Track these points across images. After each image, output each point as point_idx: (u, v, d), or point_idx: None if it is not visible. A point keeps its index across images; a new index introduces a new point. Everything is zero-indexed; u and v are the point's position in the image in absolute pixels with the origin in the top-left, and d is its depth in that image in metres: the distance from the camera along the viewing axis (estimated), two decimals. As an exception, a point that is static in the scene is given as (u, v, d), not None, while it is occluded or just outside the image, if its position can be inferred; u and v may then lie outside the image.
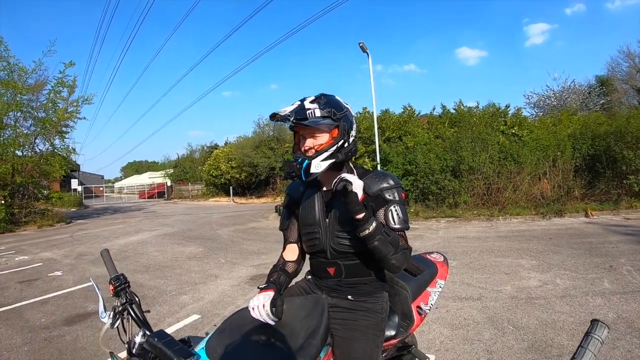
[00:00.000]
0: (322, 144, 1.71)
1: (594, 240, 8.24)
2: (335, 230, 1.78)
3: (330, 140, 1.72)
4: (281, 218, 2.06)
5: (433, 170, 14.22)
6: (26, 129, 17.58)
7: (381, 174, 1.81)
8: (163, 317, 4.86)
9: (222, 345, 1.46)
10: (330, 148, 1.70)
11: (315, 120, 1.66)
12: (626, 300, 4.63)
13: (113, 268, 1.77)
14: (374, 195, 1.74)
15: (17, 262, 9.01)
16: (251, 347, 1.49)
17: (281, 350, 1.47)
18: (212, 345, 1.47)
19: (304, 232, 1.90)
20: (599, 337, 0.87)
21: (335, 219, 1.79)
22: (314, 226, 1.84)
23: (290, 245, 2.01)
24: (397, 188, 1.76)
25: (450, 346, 3.76)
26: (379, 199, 1.74)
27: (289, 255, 1.99)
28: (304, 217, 1.89)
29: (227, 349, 1.44)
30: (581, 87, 25.06)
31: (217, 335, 1.54)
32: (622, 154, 12.73)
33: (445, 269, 2.55)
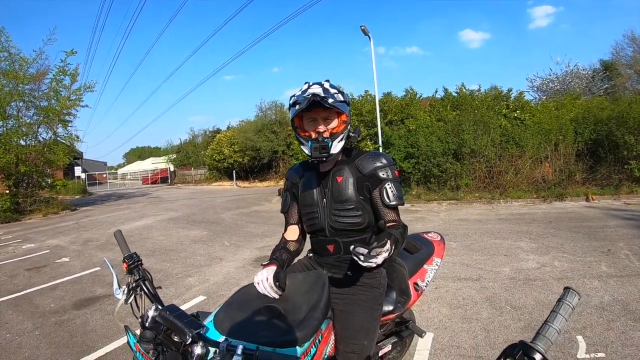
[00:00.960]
0: (334, 127, 1.81)
1: (594, 224, 8.30)
2: (332, 210, 1.88)
3: (341, 124, 1.82)
4: (282, 201, 2.14)
5: (435, 153, 14.24)
6: (29, 118, 17.54)
7: (374, 153, 1.90)
8: (170, 298, 4.97)
9: (229, 318, 1.55)
10: (344, 131, 1.81)
11: (340, 103, 1.75)
12: (622, 284, 4.70)
13: (126, 247, 1.85)
14: (368, 174, 1.84)
15: (25, 250, 9.12)
16: (256, 320, 1.57)
17: (284, 323, 1.56)
18: (220, 319, 1.56)
19: (304, 212, 1.99)
20: (570, 303, 0.96)
21: (331, 199, 1.88)
22: (313, 206, 1.93)
23: (291, 226, 2.09)
24: (391, 166, 1.86)
25: (449, 324, 3.86)
26: (373, 177, 1.83)
27: (290, 236, 2.08)
28: (303, 199, 1.98)
29: (233, 321, 1.53)
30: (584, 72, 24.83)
31: (225, 309, 1.63)
32: (624, 139, 12.70)
33: (442, 248, 2.63)
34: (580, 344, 3.32)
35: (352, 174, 1.87)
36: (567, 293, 0.98)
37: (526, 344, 0.91)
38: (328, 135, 1.79)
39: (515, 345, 0.93)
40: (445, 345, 3.45)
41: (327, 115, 1.79)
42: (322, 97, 1.68)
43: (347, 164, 1.90)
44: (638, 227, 7.72)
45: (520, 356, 0.90)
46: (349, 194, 1.85)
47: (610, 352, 3.18)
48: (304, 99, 1.70)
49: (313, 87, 1.76)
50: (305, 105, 1.68)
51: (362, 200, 1.86)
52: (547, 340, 0.92)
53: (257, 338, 1.44)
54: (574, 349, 3.25)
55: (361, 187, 1.85)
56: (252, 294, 1.70)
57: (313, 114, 1.79)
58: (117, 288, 1.70)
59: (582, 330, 3.55)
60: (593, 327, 3.63)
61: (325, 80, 1.82)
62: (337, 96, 1.75)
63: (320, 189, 1.94)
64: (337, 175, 1.89)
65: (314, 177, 1.97)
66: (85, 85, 18.64)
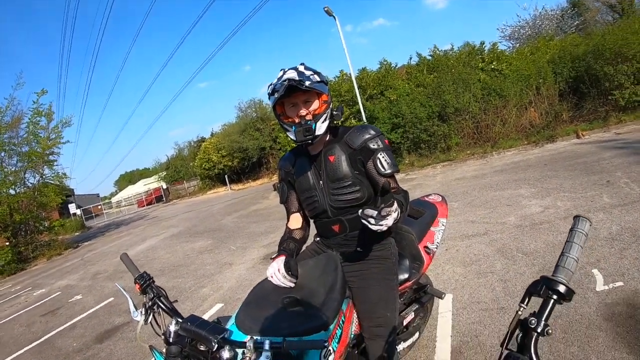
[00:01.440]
0: (316, 109, 1.79)
1: (588, 159, 8.34)
2: (330, 189, 1.87)
3: (323, 104, 1.80)
4: (280, 192, 2.12)
5: (420, 119, 14.30)
6: (13, 166, 17.39)
7: (361, 127, 1.89)
8: (188, 312, 4.91)
9: (250, 317, 1.55)
10: (326, 111, 1.79)
11: (317, 84, 1.73)
12: (627, 211, 4.74)
13: (135, 269, 1.84)
14: (358, 148, 1.83)
15: (36, 296, 9.05)
16: (277, 313, 1.57)
17: (305, 310, 1.56)
18: (241, 319, 1.56)
19: (303, 197, 1.98)
20: (582, 230, 0.96)
21: (327, 180, 1.87)
22: (311, 190, 1.93)
23: (294, 215, 2.09)
24: (380, 136, 1.85)
25: (466, 282, 3.89)
26: (365, 150, 1.83)
27: (294, 224, 2.08)
28: (300, 185, 1.98)
29: (255, 319, 1.53)
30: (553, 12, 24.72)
31: (244, 309, 1.62)
32: (603, 71, 12.75)
33: (445, 208, 2.64)
34: (597, 277, 3.36)
35: (344, 151, 1.86)
36: (578, 221, 0.98)
37: (548, 277, 0.92)
38: (311, 117, 1.77)
39: (537, 281, 0.93)
40: (466, 303, 3.48)
41: (306, 98, 1.77)
42: (298, 80, 1.66)
43: (337, 142, 1.89)
44: (632, 154, 7.78)
45: (545, 291, 0.91)
46: (344, 171, 1.84)
47: (628, 279, 3.21)
48: (280, 86, 1.68)
49: (288, 72, 1.74)
50: (283, 92, 1.67)
51: (358, 175, 1.85)
52: (567, 270, 0.92)
53: (281, 331, 1.44)
54: (591, 283, 3.28)
55: (354, 162, 1.85)
56: (268, 289, 1.71)
57: (293, 99, 1.78)
58: (134, 311, 1.69)
59: (596, 264, 3.59)
60: (606, 258, 3.66)
61: (300, 64, 1.81)
62: (313, 77, 1.73)
63: (314, 172, 1.93)
64: (328, 155, 1.88)
65: (307, 161, 1.96)
66: (62, 121, 18.51)
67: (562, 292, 0.89)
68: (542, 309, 0.89)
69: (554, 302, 0.89)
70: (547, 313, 0.88)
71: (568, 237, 0.98)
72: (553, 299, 0.89)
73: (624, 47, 12.38)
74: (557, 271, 0.93)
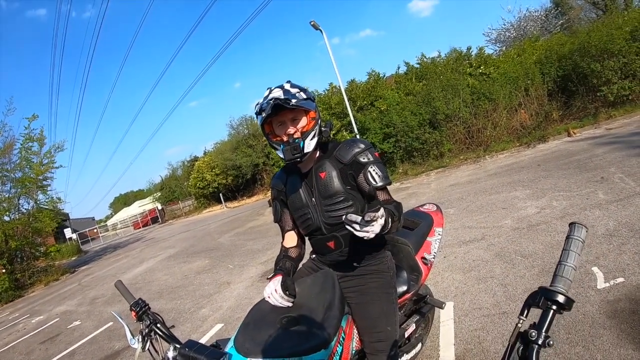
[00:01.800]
0: (304, 126, 1.78)
1: (581, 156, 8.37)
2: (323, 206, 1.86)
3: (310, 121, 1.80)
4: (273, 211, 2.12)
5: (411, 127, 14.32)
6: (7, 192, 17.31)
7: (350, 141, 1.88)
8: (188, 334, 4.92)
9: (249, 339, 1.53)
10: (314, 128, 1.79)
11: (304, 102, 1.73)
12: (623, 206, 4.76)
13: (130, 295, 1.82)
14: (349, 163, 1.82)
15: (35, 323, 8.97)
16: (276, 333, 1.54)
17: (304, 329, 1.54)
18: (240, 341, 1.53)
19: (297, 215, 1.97)
20: (579, 237, 0.95)
21: (320, 196, 1.86)
22: (304, 208, 1.91)
23: (288, 233, 2.08)
24: (369, 149, 1.84)
25: (466, 289, 3.87)
26: (355, 164, 1.82)
27: (289, 242, 2.06)
28: (292, 203, 1.96)
29: (254, 341, 1.50)
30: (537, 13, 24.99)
31: (243, 331, 1.60)
32: (590, 68, 12.86)
33: (440, 217, 2.63)
34: (597, 274, 3.36)
35: (334, 167, 1.85)
36: (574, 228, 0.97)
37: (546, 288, 0.91)
38: (299, 135, 1.77)
39: (536, 292, 0.93)
40: (467, 310, 3.46)
41: (294, 116, 1.77)
42: (284, 99, 1.67)
43: (327, 157, 1.88)
44: (625, 149, 7.82)
45: (544, 302, 0.90)
46: (335, 187, 1.83)
47: (628, 275, 3.22)
48: (267, 105, 1.68)
49: (274, 91, 1.75)
50: (270, 111, 1.67)
51: (350, 190, 1.84)
52: (565, 279, 0.91)
53: (281, 351, 1.42)
54: (592, 281, 3.28)
55: (345, 177, 1.84)
56: (266, 310, 1.69)
57: (280, 118, 1.77)
58: (131, 338, 1.67)
59: (595, 261, 3.59)
60: (605, 255, 3.67)
61: (287, 82, 1.81)
62: (299, 95, 1.74)
63: (306, 189, 1.92)
64: (319, 171, 1.87)
65: (298, 179, 1.95)
66: (55, 146, 18.43)
67: (562, 302, 0.88)
68: (542, 321, 0.88)
69: (554, 312, 0.88)
70: (547, 324, 0.88)
71: (565, 245, 0.97)
72: (552, 310, 0.89)
73: (609, 43, 12.50)
74: (556, 281, 0.92)
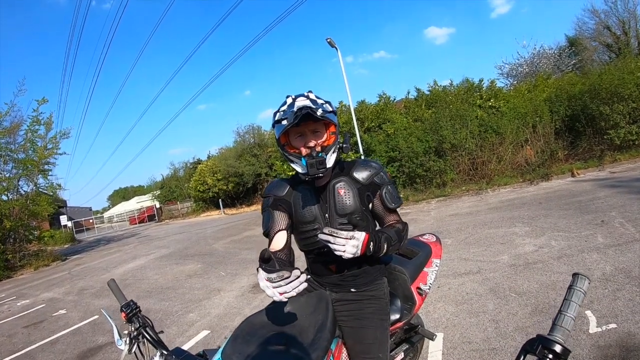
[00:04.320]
0: (324, 140, 1.74)
1: (583, 198, 8.37)
2: (336, 225, 1.78)
3: (331, 135, 1.75)
4: (263, 221, 1.98)
5: (416, 153, 14.34)
6: (8, 172, 17.36)
7: (364, 161, 1.86)
8: (173, 337, 4.89)
9: (237, 353, 1.51)
10: (336, 142, 1.74)
11: (330, 114, 1.69)
12: (622, 252, 4.74)
13: (122, 296, 1.80)
14: (367, 183, 1.80)
15: (20, 307, 8.94)
16: (264, 350, 1.53)
17: (293, 348, 1.52)
18: (228, 354, 1.51)
19: (302, 230, 1.87)
20: (581, 288, 0.95)
21: (335, 213, 1.80)
22: (313, 223, 1.83)
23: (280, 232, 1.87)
24: (382, 170, 1.84)
25: (457, 322, 3.84)
26: (372, 185, 1.80)
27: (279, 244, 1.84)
28: (300, 216, 1.86)
29: (242, 355, 1.49)
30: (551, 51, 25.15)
31: (231, 344, 1.57)
32: (599, 110, 12.88)
33: (439, 248, 2.62)
34: (590, 318, 3.33)
35: (353, 185, 1.81)
36: (577, 279, 0.97)
37: (544, 337, 0.91)
38: (319, 149, 1.71)
39: (533, 340, 0.92)
40: (456, 343, 3.43)
41: (315, 128, 1.71)
42: (313, 108, 1.61)
43: (344, 175, 1.84)
44: (627, 193, 7.83)
45: (541, 350, 0.90)
46: (353, 206, 1.78)
47: (621, 322, 3.20)
48: (291, 114, 1.61)
49: (299, 99, 1.68)
50: (296, 120, 1.58)
51: (365, 211, 1.82)
52: (564, 330, 0.91)
53: (268, 368, 1.40)
54: (584, 324, 3.26)
55: (363, 197, 1.81)
56: (257, 324, 1.67)
57: (301, 129, 1.71)
58: (118, 339, 1.66)
59: (589, 305, 3.56)
60: (600, 300, 3.65)
61: (309, 91, 1.75)
62: (325, 106, 1.69)
63: (320, 204, 1.84)
64: (338, 188, 1.81)
65: (310, 192, 1.86)
66: (61, 133, 18.52)
67: (558, 352, 0.88)
68: None
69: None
70: None
71: (566, 295, 0.96)
72: (549, 359, 0.88)
73: (620, 87, 12.55)
74: (554, 330, 0.91)
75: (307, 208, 1.85)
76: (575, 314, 0.93)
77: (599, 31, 25.60)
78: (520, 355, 0.93)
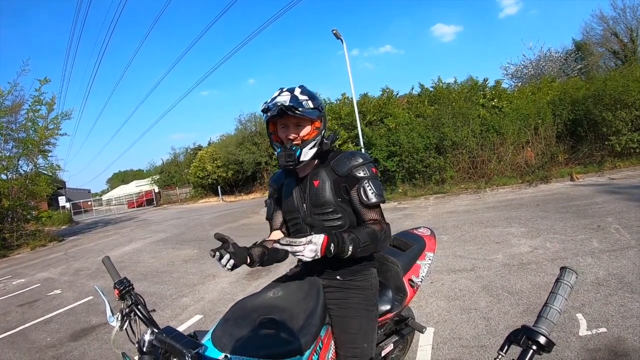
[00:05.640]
0: (306, 134, 1.78)
1: (581, 202, 8.38)
2: (312, 214, 1.85)
3: (314, 130, 1.79)
4: (267, 208, 2.13)
5: (417, 149, 14.34)
6: (8, 151, 17.35)
7: (350, 153, 1.87)
8: (166, 320, 4.90)
9: (227, 334, 1.53)
10: (316, 137, 1.78)
11: (310, 111, 1.73)
12: (616, 257, 4.75)
13: (116, 273, 1.81)
14: (344, 175, 1.81)
15: (15, 285, 8.97)
16: (254, 333, 1.55)
17: (283, 333, 1.54)
18: (218, 335, 1.53)
19: (288, 218, 1.99)
20: (568, 282, 0.96)
21: (311, 204, 1.86)
22: (294, 212, 1.93)
23: (275, 231, 2.09)
24: (367, 164, 1.82)
25: (448, 317, 3.86)
26: (350, 178, 1.80)
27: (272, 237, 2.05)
28: (285, 205, 1.98)
29: (231, 337, 1.50)
30: (557, 54, 25.09)
31: (222, 325, 1.60)
32: (602, 116, 12.86)
33: (433, 242, 2.63)
34: (580, 321, 3.35)
35: (329, 177, 1.84)
36: (564, 272, 0.98)
37: (529, 327, 0.91)
38: (299, 142, 1.77)
39: (518, 330, 0.93)
40: (446, 338, 3.45)
41: (298, 122, 1.77)
42: (289, 106, 1.67)
43: (324, 167, 1.87)
44: (625, 200, 7.83)
45: (525, 340, 0.91)
46: (326, 198, 1.82)
47: (611, 326, 3.21)
48: (273, 106, 1.69)
49: (283, 94, 1.75)
50: (275, 113, 1.68)
51: (341, 202, 1.83)
52: (549, 322, 0.92)
53: (256, 351, 1.42)
54: (575, 327, 3.27)
55: (338, 189, 1.82)
56: (248, 308, 1.68)
57: (284, 121, 1.78)
58: (110, 315, 1.66)
59: (581, 308, 3.58)
60: (591, 303, 3.66)
61: (299, 86, 1.80)
62: (306, 103, 1.73)
63: (299, 194, 1.92)
64: (313, 179, 1.86)
65: (294, 182, 1.95)
66: (63, 114, 18.51)
67: (542, 344, 0.89)
68: (521, 359, 0.88)
69: (533, 352, 0.89)
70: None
71: (553, 288, 0.97)
72: (532, 350, 0.89)
73: (624, 94, 12.52)
74: (539, 322, 0.92)
75: (290, 198, 1.95)
76: (561, 307, 0.94)
77: (606, 37, 25.55)
78: (505, 345, 0.94)
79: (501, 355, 0.92)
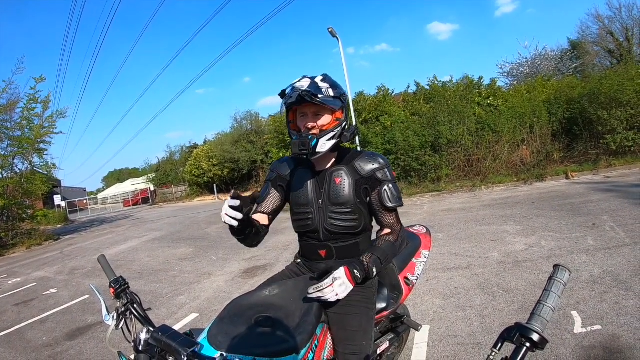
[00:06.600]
0: (325, 124, 1.75)
1: (576, 200, 8.41)
2: (328, 212, 1.82)
3: (334, 121, 1.76)
4: (261, 191, 2.00)
5: (413, 147, 14.37)
6: (3, 150, 17.21)
7: (370, 154, 1.85)
8: (162, 319, 4.90)
9: (223, 332, 1.52)
10: (336, 129, 1.74)
11: (330, 100, 1.69)
12: (610, 255, 4.77)
13: (112, 272, 1.81)
14: (366, 176, 1.80)
15: (11, 285, 8.93)
16: (250, 331, 1.55)
17: (279, 331, 1.54)
18: (214, 334, 1.53)
19: (296, 211, 1.92)
20: (561, 279, 0.97)
21: (328, 200, 1.82)
22: (307, 206, 1.87)
23: (260, 214, 1.98)
24: (388, 167, 1.82)
25: (444, 315, 3.87)
26: (372, 179, 1.80)
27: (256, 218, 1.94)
28: (295, 197, 1.91)
29: (227, 335, 1.50)
30: (553, 53, 25.13)
31: (218, 324, 1.60)
32: (597, 114, 12.95)
33: (429, 240, 2.64)
34: (575, 319, 3.36)
35: (351, 176, 1.82)
36: (558, 270, 0.99)
37: (522, 325, 0.92)
38: (317, 131, 1.73)
39: (511, 328, 0.94)
40: (442, 336, 3.46)
41: (317, 111, 1.74)
42: (307, 91, 1.62)
43: (345, 164, 1.85)
44: (620, 198, 7.87)
45: (518, 338, 0.91)
46: (347, 197, 1.80)
47: (606, 324, 3.22)
48: (292, 91, 1.65)
49: (303, 80, 1.70)
50: (294, 99, 1.63)
51: (359, 204, 1.82)
52: (542, 319, 0.93)
53: (252, 350, 1.42)
54: (570, 324, 3.28)
55: (359, 190, 1.81)
56: (244, 306, 1.68)
57: (303, 109, 1.75)
58: (106, 314, 1.66)
59: (576, 306, 3.60)
60: (586, 301, 3.68)
61: (322, 74, 1.77)
62: (327, 91, 1.69)
63: (315, 189, 1.87)
64: (335, 176, 1.83)
65: (309, 175, 1.90)
66: (58, 112, 18.35)
67: (536, 341, 0.89)
68: (514, 356, 0.89)
69: (527, 350, 0.89)
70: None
71: (546, 285, 0.98)
72: (526, 347, 0.90)
73: (619, 93, 12.59)
74: (532, 319, 0.93)
75: (303, 191, 1.89)
76: (555, 305, 0.94)
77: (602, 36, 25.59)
78: (498, 343, 0.94)
79: (495, 352, 0.93)
